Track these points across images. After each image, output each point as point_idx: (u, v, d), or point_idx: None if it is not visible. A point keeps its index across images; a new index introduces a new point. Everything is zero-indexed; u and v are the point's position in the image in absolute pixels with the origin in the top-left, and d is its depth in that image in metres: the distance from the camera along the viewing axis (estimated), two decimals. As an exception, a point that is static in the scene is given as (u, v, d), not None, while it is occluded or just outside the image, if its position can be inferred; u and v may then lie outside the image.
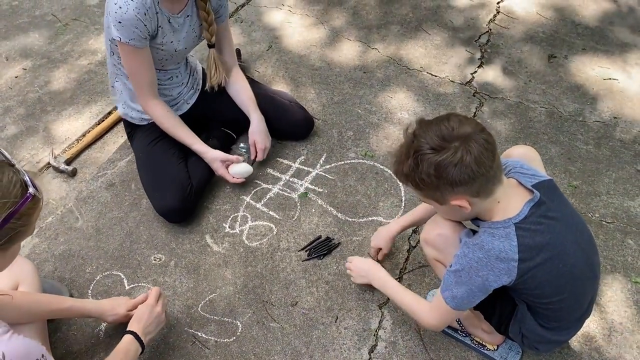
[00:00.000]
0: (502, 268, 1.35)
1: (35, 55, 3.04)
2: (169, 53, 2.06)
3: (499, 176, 1.34)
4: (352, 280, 1.89)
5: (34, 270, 1.70)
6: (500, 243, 1.34)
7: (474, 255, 1.37)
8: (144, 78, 2.04)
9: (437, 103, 2.69)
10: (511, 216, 1.36)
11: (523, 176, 1.43)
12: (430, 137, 1.30)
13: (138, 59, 1.97)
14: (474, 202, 1.35)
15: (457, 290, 1.42)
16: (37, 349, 1.14)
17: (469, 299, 1.42)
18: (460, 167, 1.27)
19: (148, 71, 2.02)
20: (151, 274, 2.01)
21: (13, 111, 2.69)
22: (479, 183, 1.30)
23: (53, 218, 2.21)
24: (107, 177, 2.36)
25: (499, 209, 1.38)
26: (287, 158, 2.44)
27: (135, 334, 1.60)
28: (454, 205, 1.36)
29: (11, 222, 1.06)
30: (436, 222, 1.60)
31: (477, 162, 1.27)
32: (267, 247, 2.10)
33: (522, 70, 2.90)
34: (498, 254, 1.34)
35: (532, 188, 1.39)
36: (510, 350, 1.74)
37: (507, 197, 1.37)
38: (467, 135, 1.28)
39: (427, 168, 1.30)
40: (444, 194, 1.36)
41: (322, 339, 1.82)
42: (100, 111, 2.68)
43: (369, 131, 2.55)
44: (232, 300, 1.93)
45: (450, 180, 1.29)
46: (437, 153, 1.28)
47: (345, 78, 2.84)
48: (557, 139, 2.51)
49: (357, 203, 2.24)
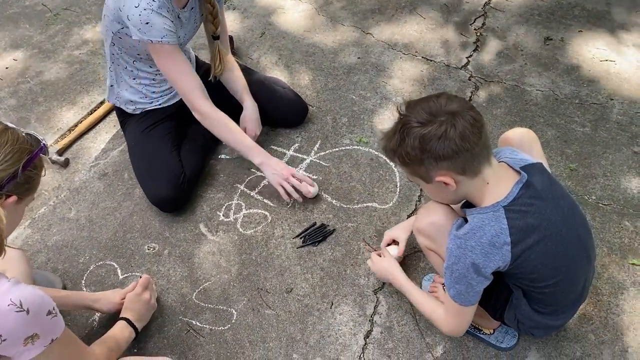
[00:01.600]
0: (496, 253, 1.34)
1: (26, 46, 3.01)
2: None
3: (485, 155, 1.34)
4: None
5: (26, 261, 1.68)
6: (490, 228, 1.33)
7: (466, 244, 1.36)
8: (193, 78, 1.98)
9: (432, 88, 2.66)
10: (500, 199, 1.35)
11: (512, 160, 1.43)
12: (417, 111, 1.32)
13: (178, 57, 1.92)
14: (460, 180, 1.35)
15: (459, 286, 1.42)
16: (49, 300, 1.17)
17: (474, 291, 1.41)
18: (444, 140, 1.28)
19: (193, 69, 1.96)
20: (145, 263, 2.00)
21: (4, 102, 2.67)
22: (463, 158, 1.31)
23: (46, 209, 2.19)
24: (100, 167, 2.34)
25: (488, 191, 1.37)
26: (281, 145, 2.42)
27: (128, 320, 1.64)
28: (439, 181, 1.36)
29: (29, 169, 1.20)
30: (428, 210, 1.58)
31: (461, 137, 1.28)
32: (262, 235, 2.09)
33: (518, 54, 2.87)
34: (490, 240, 1.33)
35: (520, 170, 1.38)
36: (506, 334, 1.73)
37: (497, 179, 1.37)
38: (454, 111, 1.30)
39: (413, 141, 1.31)
40: (429, 169, 1.35)
41: (318, 325, 1.81)
42: (92, 101, 2.65)
43: (364, 117, 2.53)
44: (227, 288, 1.92)
45: (433, 154, 1.30)
46: (423, 126, 1.30)
47: (339, 64, 2.82)
48: (554, 121, 2.49)
49: (351, 189, 2.23)
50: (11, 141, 1.17)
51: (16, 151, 1.17)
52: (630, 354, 1.72)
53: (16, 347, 1.12)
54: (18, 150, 1.17)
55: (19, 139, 1.19)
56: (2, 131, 1.18)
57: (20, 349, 1.13)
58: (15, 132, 1.20)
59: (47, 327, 1.17)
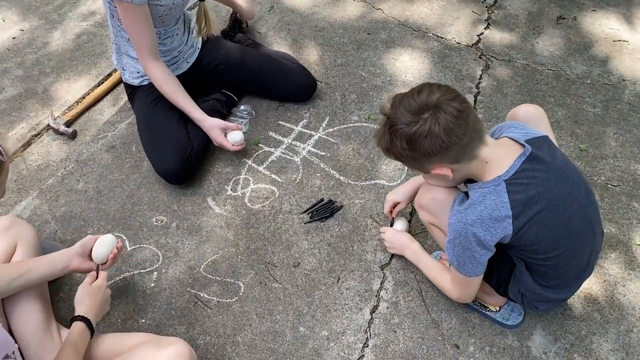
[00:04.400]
0: (498, 227, 1.35)
1: (33, 16, 2.98)
2: (167, 8, 2.01)
3: (477, 140, 1.35)
4: (387, 250, 1.89)
5: (33, 232, 1.68)
6: (491, 202, 1.35)
7: (466, 219, 1.37)
8: (144, 38, 1.98)
9: (442, 65, 2.64)
10: (501, 173, 1.35)
11: (516, 133, 1.43)
12: (401, 112, 1.34)
13: (137, 16, 1.91)
14: (456, 167, 1.38)
15: (461, 259, 1.44)
16: (10, 344, 1.10)
17: (477, 262, 1.43)
18: (430, 138, 1.30)
19: (148, 30, 1.97)
20: (153, 235, 2.01)
21: (11, 73, 2.65)
22: (454, 151, 1.33)
23: (53, 180, 2.20)
24: (108, 139, 2.34)
25: (489, 168, 1.38)
26: (289, 121, 2.41)
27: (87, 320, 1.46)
28: (436, 174, 1.40)
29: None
30: (429, 185, 1.59)
31: (446, 132, 1.29)
32: (269, 210, 2.09)
33: (530, 32, 2.83)
34: (491, 213, 1.34)
35: (525, 143, 1.38)
36: (512, 311, 1.74)
37: (496, 156, 1.38)
38: (435, 104, 1.30)
39: (401, 142, 1.34)
40: (423, 164, 1.40)
41: (324, 299, 1.82)
42: (100, 73, 2.64)
43: (373, 94, 2.50)
44: (235, 262, 1.93)
45: (423, 152, 1.33)
46: (407, 126, 1.32)
47: (349, 40, 2.78)
48: (564, 101, 2.46)
49: (359, 166, 2.22)
50: None
51: None
52: (635, 334, 1.73)
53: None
54: None
55: None
56: None
57: None
58: None
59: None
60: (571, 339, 1.72)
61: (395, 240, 1.84)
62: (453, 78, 2.57)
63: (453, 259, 1.47)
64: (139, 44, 1.99)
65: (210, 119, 2.12)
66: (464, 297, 1.61)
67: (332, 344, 1.72)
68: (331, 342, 1.72)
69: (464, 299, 1.62)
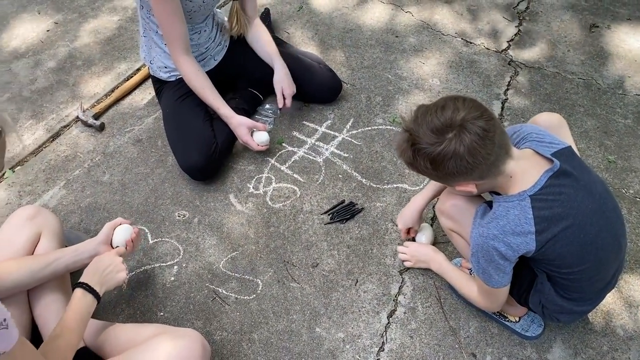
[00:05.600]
0: (520, 242, 1.33)
1: (67, 10, 3.04)
2: (197, 4, 2.03)
3: (503, 156, 1.32)
4: (406, 265, 1.88)
5: (57, 221, 1.71)
6: (515, 217, 1.32)
7: (488, 233, 1.35)
8: (175, 30, 2.00)
9: (470, 70, 2.61)
10: (526, 188, 1.33)
11: (540, 145, 1.40)
12: (424, 130, 1.29)
13: (169, 9, 1.93)
14: (481, 183, 1.36)
15: (487, 271, 1.42)
16: (2, 310, 1.07)
17: (503, 273, 1.41)
18: (454, 159, 1.27)
19: (180, 23, 1.99)
20: (175, 229, 2.03)
21: (44, 64, 2.71)
22: (479, 171, 1.30)
23: (80, 171, 2.24)
24: (134, 133, 2.37)
25: (514, 182, 1.35)
26: (313, 121, 2.41)
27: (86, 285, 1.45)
28: (460, 190, 1.38)
29: None
30: (451, 191, 1.58)
31: (471, 154, 1.25)
32: (290, 209, 2.09)
33: (561, 40, 2.78)
34: (514, 228, 1.32)
35: (552, 157, 1.35)
36: (532, 322, 1.72)
37: (521, 169, 1.35)
38: (460, 124, 1.25)
39: (424, 162, 1.31)
40: (447, 182, 1.39)
41: (342, 301, 1.82)
42: (129, 67, 2.68)
43: (399, 97, 2.49)
44: (254, 259, 1.94)
45: (448, 172, 1.30)
46: (431, 146, 1.28)
47: (376, 42, 2.77)
48: (594, 111, 2.42)
49: (382, 169, 2.21)
50: None
51: None
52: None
53: None
54: None
55: None
56: None
57: None
58: None
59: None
60: (592, 354, 1.68)
61: (419, 254, 1.84)
62: (481, 84, 2.54)
63: (478, 271, 1.45)
64: (170, 37, 2.02)
65: (238, 117, 2.14)
66: (493, 307, 1.60)
67: (347, 346, 1.71)
68: (347, 344, 1.72)
69: (493, 309, 1.62)
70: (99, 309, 1.72)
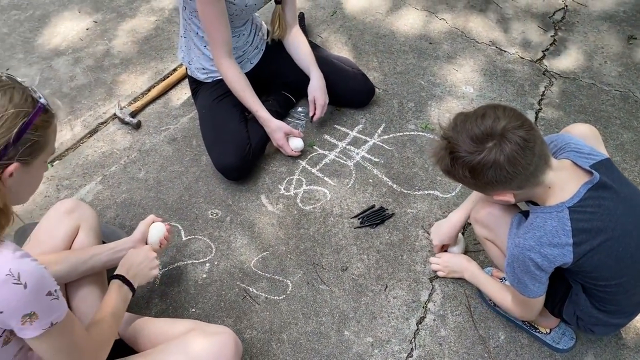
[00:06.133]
0: (557, 254, 1.32)
1: (106, 9, 3.11)
2: (239, 8, 2.06)
3: (542, 167, 1.31)
4: (439, 275, 1.88)
5: (94, 216, 1.76)
6: (552, 228, 1.32)
7: (524, 244, 1.35)
8: (219, 33, 2.04)
9: (504, 79, 2.60)
10: (565, 200, 1.32)
11: (580, 156, 1.39)
12: (463, 138, 1.29)
13: (214, 12, 1.97)
14: (519, 192, 1.35)
15: (522, 281, 1.42)
16: (51, 281, 1.11)
17: (538, 282, 1.40)
18: (494, 168, 1.26)
19: (224, 26, 2.03)
20: (207, 227, 2.06)
21: (83, 62, 2.78)
22: (518, 180, 1.29)
23: (116, 167, 2.29)
24: (170, 132, 2.42)
25: (552, 193, 1.34)
26: (344, 125, 2.43)
27: (122, 277, 1.50)
28: (498, 199, 1.38)
29: (28, 133, 1.10)
30: (487, 199, 1.57)
31: (511, 163, 1.25)
32: (320, 212, 2.11)
33: (598, 51, 2.75)
34: (551, 240, 1.31)
35: (591, 169, 1.34)
36: (563, 335, 1.70)
37: (560, 180, 1.34)
38: (501, 133, 1.25)
39: (462, 170, 1.31)
40: (485, 191, 1.39)
41: (371, 305, 1.83)
42: (165, 67, 2.73)
43: (431, 104, 2.49)
44: (284, 260, 1.96)
45: (486, 181, 1.30)
46: (470, 155, 1.28)
47: (409, 48, 2.78)
48: (631, 124, 2.38)
49: (413, 175, 2.21)
50: (0, 106, 1.07)
51: (8, 117, 1.07)
52: (694, 371, 1.65)
53: (14, 322, 1.06)
54: (11, 115, 1.07)
55: (12, 100, 1.08)
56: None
57: (19, 326, 1.06)
58: (8, 93, 1.09)
59: (46, 308, 1.08)
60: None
61: (452, 264, 1.83)
62: (514, 93, 2.53)
63: (514, 281, 1.44)
64: (214, 40, 2.06)
65: (275, 121, 2.17)
66: (528, 316, 1.59)
67: (376, 350, 1.72)
68: (375, 349, 1.73)
69: (528, 318, 1.61)
70: (132, 303, 1.74)
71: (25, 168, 1.13)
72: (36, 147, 1.13)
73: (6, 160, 1.08)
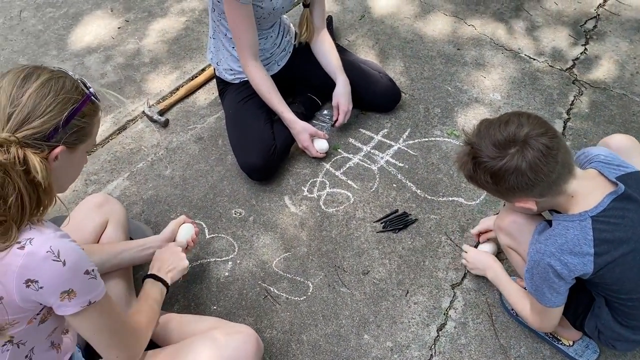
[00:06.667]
0: (577, 263, 1.31)
1: (137, 9, 3.16)
2: (267, 11, 2.09)
3: (565, 175, 1.30)
4: (467, 269, 1.88)
5: (122, 211, 1.80)
6: (574, 236, 1.31)
7: (545, 249, 1.34)
8: (246, 36, 2.07)
9: (532, 87, 2.57)
10: (588, 209, 1.30)
11: (607, 167, 1.38)
12: (486, 144, 1.30)
13: (241, 15, 2.00)
14: (541, 201, 1.35)
15: (540, 289, 1.40)
16: (89, 261, 1.15)
17: (556, 293, 1.39)
18: (516, 175, 1.27)
19: (251, 29, 2.05)
20: (231, 226, 2.09)
21: (114, 60, 2.83)
22: (540, 188, 1.30)
23: (143, 164, 2.33)
24: (197, 131, 2.45)
25: (575, 201, 1.34)
26: (369, 129, 2.43)
27: (154, 276, 1.55)
28: (520, 206, 1.38)
29: (76, 119, 1.15)
30: (511, 208, 1.56)
31: (532, 170, 1.25)
32: (343, 215, 2.11)
33: (630, 61, 2.70)
34: (572, 248, 1.31)
35: (617, 180, 1.32)
36: (587, 348, 1.67)
37: (584, 189, 1.33)
38: (524, 139, 1.26)
39: (484, 175, 1.32)
40: (507, 197, 1.39)
41: (391, 310, 1.83)
42: (194, 67, 2.77)
43: (458, 110, 2.48)
44: (305, 261, 1.97)
45: (508, 187, 1.31)
46: (492, 160, 1.29)
47: (437, 53, 2.77)
48: (662, 136, 2.33)
49: (438, 181, 2.20)
50: (54, 91, 1.12)
51: (60, 101, 1.12)
52: None
53: (53, 298, 1.10)
54: (62, 100, 1.13)
55: (64, 87, 1.14)
56: (47, 80, 1.13)
57: (58, 302, 1.10)
58: (60, 81, 1.15)
59: (85, 286, 1.12)
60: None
61: (477, 260, 1.82)
62: (543, 101, 2.50)
63: (532, 288, 1.43)
64: (240, 42, 2.08)
65: (301, 123, 2.19)
66: (544, 327, 1.56)
67: (395, 355, 1.72)
68: (395, 353, 1.72)
69: (544, 329, 1.59)
70: (157, 298, 1.79)
71: (69, 153, 1.17)
72: (82, 133, 1.18)
73: (54, 142, 1.13)
